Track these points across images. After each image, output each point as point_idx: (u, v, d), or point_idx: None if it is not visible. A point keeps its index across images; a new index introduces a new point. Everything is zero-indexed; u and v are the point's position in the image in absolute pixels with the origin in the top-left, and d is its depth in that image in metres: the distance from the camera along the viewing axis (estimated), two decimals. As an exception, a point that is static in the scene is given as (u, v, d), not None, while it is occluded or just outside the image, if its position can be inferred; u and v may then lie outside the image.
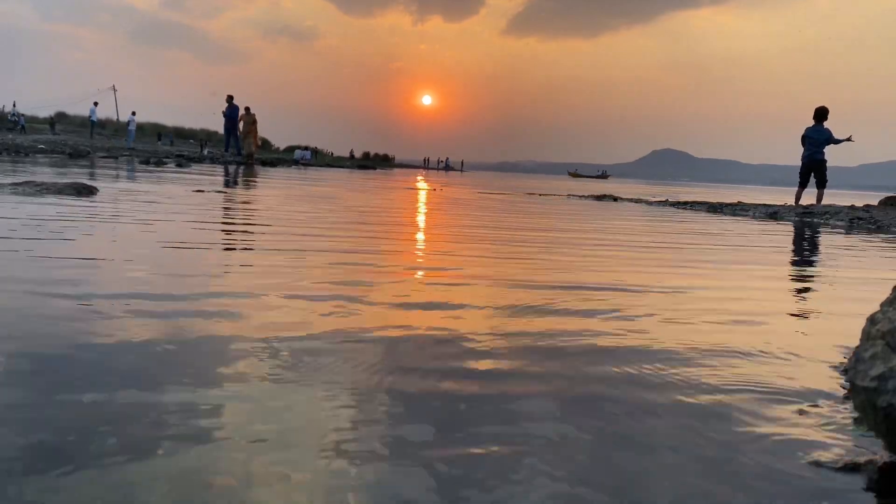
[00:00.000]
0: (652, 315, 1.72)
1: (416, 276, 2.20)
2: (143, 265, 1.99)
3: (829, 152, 8.54)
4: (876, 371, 0.78)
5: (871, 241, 4.77)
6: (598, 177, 53.72)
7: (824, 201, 8.71)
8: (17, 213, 2.97)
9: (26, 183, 4.17)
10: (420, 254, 2.82)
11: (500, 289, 2.00)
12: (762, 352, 1.41)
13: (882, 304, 0.85)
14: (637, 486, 0.77)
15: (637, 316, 1.70)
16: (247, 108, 17.07)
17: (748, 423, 0.99)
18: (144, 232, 2.72)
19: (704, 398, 1.09)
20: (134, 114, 24.70)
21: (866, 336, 0.83)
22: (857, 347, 0.84)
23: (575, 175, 56.36)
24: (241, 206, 4.67)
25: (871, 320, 0.84)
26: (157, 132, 34.70)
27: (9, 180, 4.48)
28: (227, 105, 16.90)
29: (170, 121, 40.28)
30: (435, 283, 2.04)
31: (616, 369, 1.23)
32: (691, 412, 1.03)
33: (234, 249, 2.55)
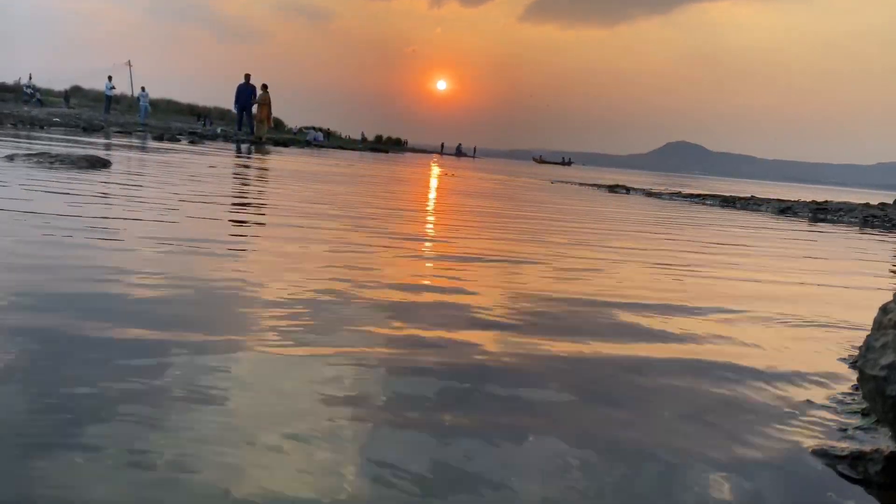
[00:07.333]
0: (665, 302, 1.72)
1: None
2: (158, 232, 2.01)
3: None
4: (886, 360, 0.78)
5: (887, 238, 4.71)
6: (561, 163, 52.79)
7: (840, 199, 8.59)
8: (33, 183, 3.00)
9: (41, 154, 4.21)
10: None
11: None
12: (770, 340, 1.41)
13: (895, 294, 0.84)
14: (636, 473, 0.78)
15: (653, 304, 1.71)
16: (264, 86, 16.81)
17: (755, 411, 0.99)
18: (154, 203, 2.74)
19: (710, 385, 1.10)
20: (144, 89, 24.27)
21: (878, 325, 0.83)
22: (867, 336, 0.84)
23: (540, 161, 55.66)
24: (254, 187, 4.69)
25: (884, 310, 0.84)
26: (197, 114, 34.22)
27: (24, 151, 4.52)
28: (244, 82, 16.71)
29: (184, 98, 40.12)
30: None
31: (621, 350, 1.23)
32: (697, 400, 1.03)
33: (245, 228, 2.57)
